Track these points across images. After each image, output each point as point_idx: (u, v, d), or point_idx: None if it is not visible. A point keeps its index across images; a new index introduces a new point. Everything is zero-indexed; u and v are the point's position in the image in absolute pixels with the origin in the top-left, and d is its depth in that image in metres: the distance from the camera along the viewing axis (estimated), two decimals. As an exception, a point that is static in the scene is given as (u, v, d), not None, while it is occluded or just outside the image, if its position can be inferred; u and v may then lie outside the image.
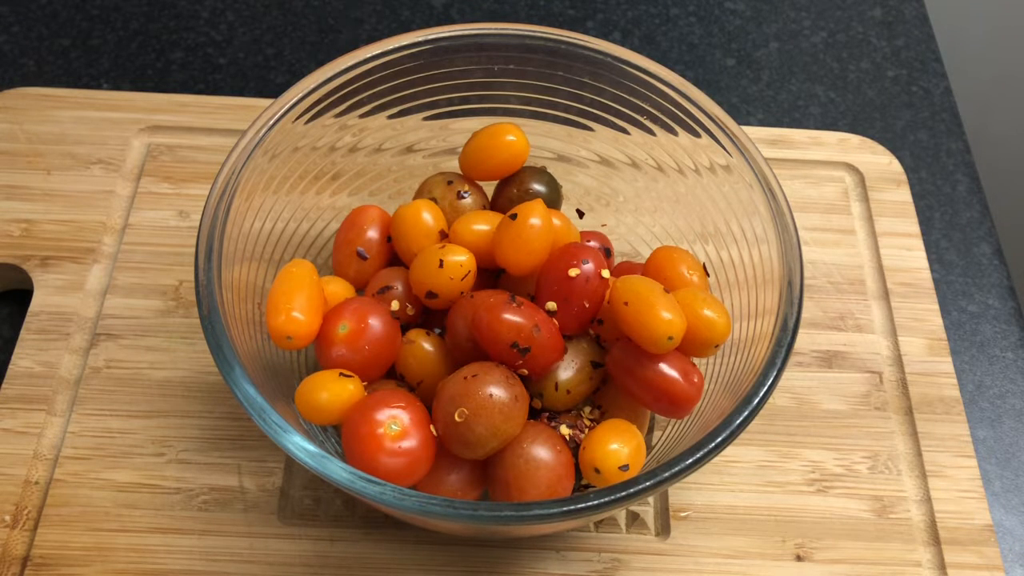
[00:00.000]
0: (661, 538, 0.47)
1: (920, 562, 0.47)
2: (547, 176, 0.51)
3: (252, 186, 0.45)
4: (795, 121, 0.67)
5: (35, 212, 0.56)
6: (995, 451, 0.53)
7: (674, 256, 0.48)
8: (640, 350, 0.43)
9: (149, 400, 0.50)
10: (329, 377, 0.43)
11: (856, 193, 0.60)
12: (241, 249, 0.45)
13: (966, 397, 0.54)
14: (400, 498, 0.37)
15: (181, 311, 0.53)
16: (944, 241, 0.61)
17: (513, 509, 0.37)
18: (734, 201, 0.47)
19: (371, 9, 0.72)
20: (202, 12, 0.71)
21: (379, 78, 0.49)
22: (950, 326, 0.57)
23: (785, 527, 0.48)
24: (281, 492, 0.48)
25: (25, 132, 0.59)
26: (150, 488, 0.47)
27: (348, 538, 0.47)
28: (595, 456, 0.41)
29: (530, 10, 0.72)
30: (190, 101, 0.61)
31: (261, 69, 0.68)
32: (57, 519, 0.46)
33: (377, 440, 0.40)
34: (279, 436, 0.38)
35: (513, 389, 0.41)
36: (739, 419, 0.39)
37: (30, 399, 0.49)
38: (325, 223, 0.51)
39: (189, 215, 0.56)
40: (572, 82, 0.50)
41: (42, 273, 0.54)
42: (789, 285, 0.43)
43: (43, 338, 0.51)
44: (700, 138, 0.48)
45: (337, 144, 0.50)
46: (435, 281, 0.45)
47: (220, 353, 0.40)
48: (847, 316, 0.55)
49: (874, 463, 0.50)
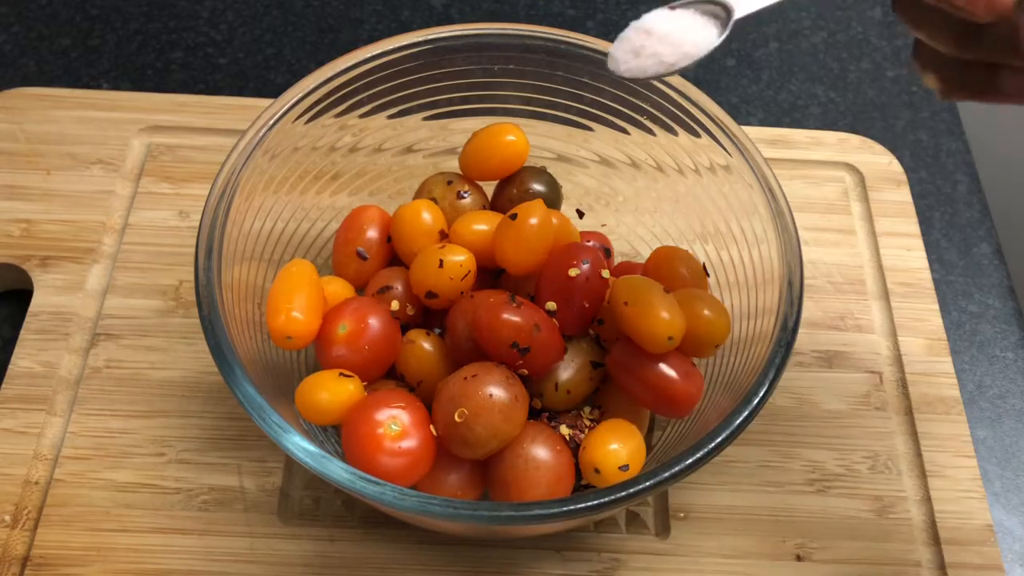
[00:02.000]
0: (661, 538, 0.47)
1: (920, 562, 0.47)
2: (547, 176, 0.51)
3: (252, 186, 0.45)
4: (795, 121, 0.67)
5: (35, 212, 0.56)
6: (995, 451, 0.53)
7: (674, 256, 0.48)
8: (640, 350, 0.43)
9: (149, 400, 0.50)
10: (329, 377, 0.43)
11: (856, 193, 0.60)
12: (241, 249, 0.45)
13: (966, 397, 0.54)
14: (400, 498, 0.37)
15: (181, 311, 0.53)
16: (944, 241, 0.61)
17: (513, 509, 0.37)
18: (734, 201, 0.47)
19: (371, 9, 0.72)
20: (202, 12, 0.71)
21: (379, 78, 0.49)
22: (950, 326, 0.57)
23: (785, 527, 0.48)
24: (281, 492, 0.48)
25: (25, 132, 0.59)
26: (150, 488, 0.47)
27: (348, 538, 0.46)
28: (595, 456, 0.41)
29: (530, 10, 0.72)
30: (190, 101, 0.61)
31: (261, 69, 0.68)
32: (57, 519, 0.46)
33: (377, 440, 0.40)
34: (279, 436, 0.38)
35: (513, 389, 0.41)
36: (739, 419, 0.39)
37: (30, 399, 0.49)
38: (325, 223, 0.51)
39: (189, 215, 0.56)
40: (572, 82, 0.50)
41: (42, 273, 0.54)
42: (789, 285, 0.43)
43: (43, 338, 0.51)
44: (700, 138, 0.48)
45: (337, 144, 0.50)
46: (435, 281, 0.45)
47: (220, 353, 0.40)
48: (847, 316, 0.55)
49: (874, 463, 0.50)
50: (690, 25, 0.37)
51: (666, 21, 0.37)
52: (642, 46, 0.37)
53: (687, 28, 0.37)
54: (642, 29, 0.37)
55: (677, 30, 0.37)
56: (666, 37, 0.37)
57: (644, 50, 0.37)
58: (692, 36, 0.36)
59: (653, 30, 0.37)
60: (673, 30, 0.37)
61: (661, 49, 0.37)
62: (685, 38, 0.37)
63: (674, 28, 0.37)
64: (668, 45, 0.37)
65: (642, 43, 0.37)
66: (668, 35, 0.37)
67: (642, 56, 0.37)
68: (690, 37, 0.36)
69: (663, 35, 0.37)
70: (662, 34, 0.37)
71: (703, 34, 0.36)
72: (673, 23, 0.37)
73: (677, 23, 0.37)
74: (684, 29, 0.37)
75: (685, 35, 0.37)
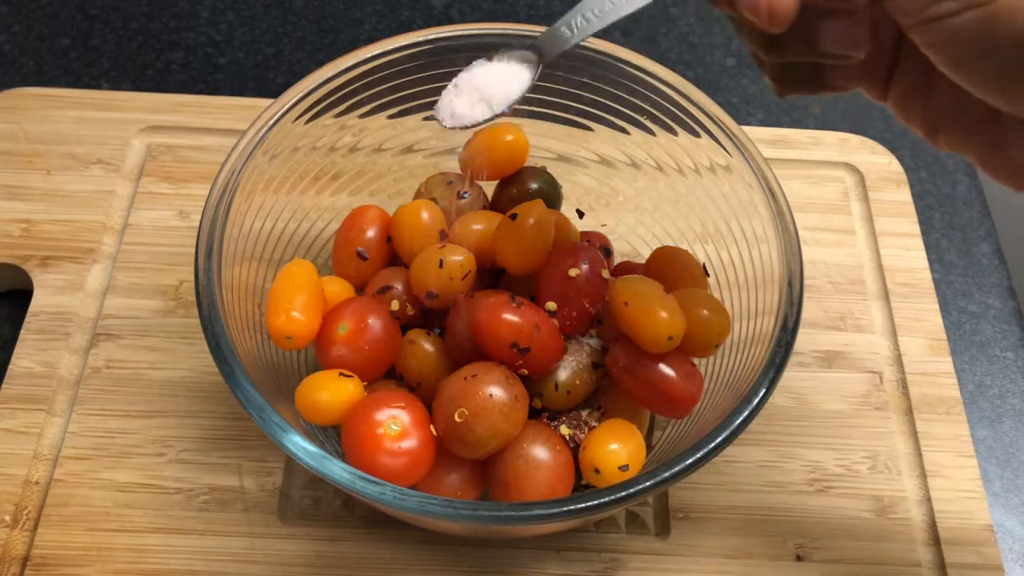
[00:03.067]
0: (661, 538, 0.47)
1: (920, 562, 0.47)
2: (547, 176, 0.51)
3: (252, 186, 0.45)
4: (795, 121, 0.67)
5: (35, 212, 0.56)
6: (995, 451, 0.53)
7: (674, 256, 0.48)
8: (640, 350, 0.43)
9: (149, 400, 0.50)
10: (329, 377, 0.43)
11: (856, 193, 0.60)
12: (241, 249, 0.45)
13: (966, 397, 0.54)
14: (400, 498, 0.37)
15: (181, 311, 0.53)
16: (944, 241, 0.61)
17: (513, 509, 0.37)
18: (734, 201, 0.47)
19: (371, 9, 0.72)
20: (202, 12, 0.71)
21: (379, 78, 0.49)
22: (950, 326, 0.57)
23: (785, 527, 0.48)
24: (281, 492, 0.48)
25: (25, 132, 0.59)
26: (150, 488, 0.47)
27: (348, 538, 0.46)
28: (595, 456, 0.41)
29: (530, 10, 0.72)
30: (190, 101, 0.61)
31: (261, 69, 0.68)
32: (57, 519, 0.46)
33: (377, 440, 0.40)
34: (279, 436, 0.38)
35: (513, 389, 0.41)
36: (739, 419, 0.39)
37: (30, 399, 0.49)
38: (325, 223, 0.51)
39: (189, 215, 0.56)
40: (572, 82, 0.50)
41: (42, 273, 0.54)
42: (789, 285, 0.43)
43: (43, 338, 0.51)
44: (700, 138, 0.48)
45: (337, 144, 0.50)
46: (435, 281, 0.45)
47: (220, 353, 0.40)
48: (847, 316, 0.55)
49: (874, 463, 0.50)
50: (506, 72, 0.41)
51: (484, 72, 0.41)
52: (466, 96, 0.41)
53: (504, 75, 0.41)
54: (464, 81, 0.41)
55: (495, 77, 0.41)
56: (484, 87, 0.41)
57: (467, 100, 0.41)
58: (508, 83, 0.41)
59: (474, 81, 0.41)
60: (491, 78, 0.41)
61: (482, 96, 0.41)
62: (503, 85, 0.40)
63: (492, 76, 0.41)
64: (488, 92, 0.41)
65: (466, 94, 0.41)
66: (486, 85, 0.41)
67: (465, 106, 0.41)
68: (506, 84, 0.41)
69: (482, 85, 0.41)
70: (481, 83, 0.41)
71: (518, 80, 0.41)
72: (491, 72, 0.41)
73: (495, 71, 0.41)
74: (501, 76, 0.41)
75: (503, 82, 0.41)
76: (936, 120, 0.36)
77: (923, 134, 0.37)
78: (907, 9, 0.30)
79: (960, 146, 0.36)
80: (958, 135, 0.35)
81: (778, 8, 0.31)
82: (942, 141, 0.36)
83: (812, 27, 0.34)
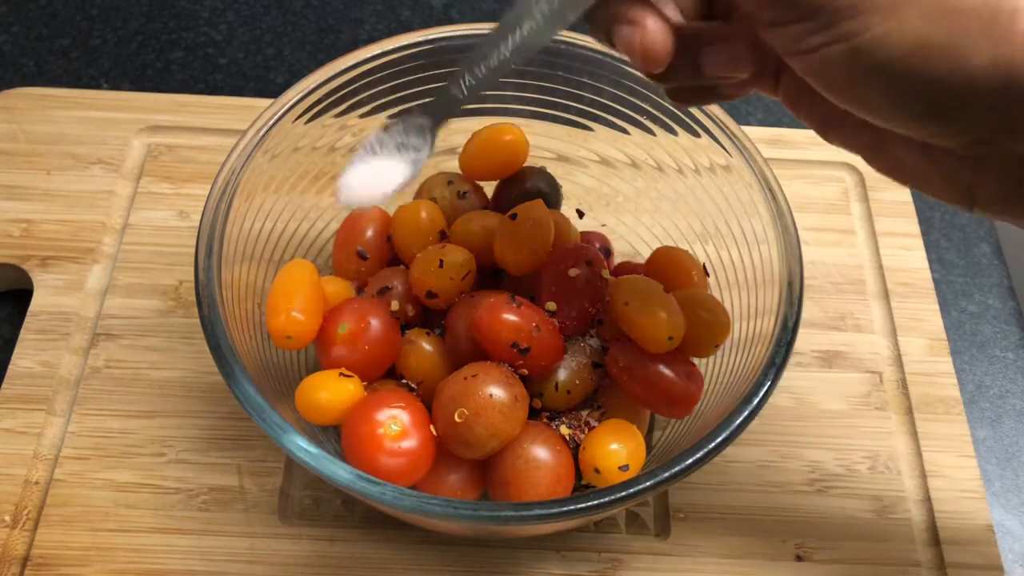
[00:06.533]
0: (661, 538, 0.47)
1: (920, 562, 0.47)
2: (547, 176, 0.51)
3: (252, 186, 0.45)
4: (795, 121, 0.67)
5: (35, 212, 0.56)
6: (995, 451, 0.53)
7: (674, 256, 0.48)
8: (640, 350, 0.43)
9: (149, 400, 0.50)
10: (329, 377, 0.43)
11: (856, 193, 0.60)
12: (241, 249, 0.45)
13: (966, 397, 0.54)
14: (400, 498, 0.37)
15: (181, 311, 0.53)
16: (944, 241, 0.61)
17: (513, 509, 0.37)
18: (734, 201, 0.47)
19: (371, 9, 0.72)
20: (202, 12, 0.71)
21: (379, 78, 0.48)
22: (950, 326, 0.57)
23: (785, 527, 0.48)
24: (281, 492, 0.48)
25: (25, 132, 0.59)
26: (150, 488, 0.47)
27: (348, 538, 0.46)
28: (595, 456, 0.41)
29: (530, 10, 0.72)
30: (190, 101, 0.61)
31: (261, 69, 0.68)
32: (57, 519, 0.46)
33: (377, 440, 0.40)
34: (279, 436, 0.38)
35: (513, 389, 0.41)
36: (739, 419, 0.39)
37: (30, 399, 0.49)
38: (325, 223, 0.51)
39: (189, 215, 0.56)
40: (572, 82, 0.50)
41: (42, 273, 0.54)
42: (789, 285, 0.43)
43: (43, 338, 0.51)
44: (700, 138, 0.48)
45: (337, 144, 0.50)
46: (435, 281, 0.45)
47: (220, 353, 0.40)
48: (847, 316, 0.55)
49: (874, 463, 0.50)
50: (401, 143, 0.39)
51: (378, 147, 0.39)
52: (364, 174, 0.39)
53: (399, 147, 0.39)
54: (361, 159, 0.39)
55: (389, 156, 0.39)
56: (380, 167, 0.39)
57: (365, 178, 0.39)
58: (403, 156, 0.39)
59: (368, 158, 0.39)
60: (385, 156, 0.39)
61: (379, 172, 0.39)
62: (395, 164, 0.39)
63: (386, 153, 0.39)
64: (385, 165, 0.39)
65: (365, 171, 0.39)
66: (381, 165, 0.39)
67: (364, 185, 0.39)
68: (401, 157, 0.39)
69: (378, 165, 0.39)
70: (376, 160, 0.39)
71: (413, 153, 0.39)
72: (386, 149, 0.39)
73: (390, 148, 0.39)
74: (396, 148, 0.39)
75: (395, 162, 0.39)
76: (824, 119, 0.37)
77: (815, 131, 0.38)
78: (779, 42, 0.32)
79: (847, 143, 0.37)
80: (845, 133, 0.36)
81: (651, 50, 0.33)
82: (832, 138, 0.37)
83: (694, 54, 0.34)
